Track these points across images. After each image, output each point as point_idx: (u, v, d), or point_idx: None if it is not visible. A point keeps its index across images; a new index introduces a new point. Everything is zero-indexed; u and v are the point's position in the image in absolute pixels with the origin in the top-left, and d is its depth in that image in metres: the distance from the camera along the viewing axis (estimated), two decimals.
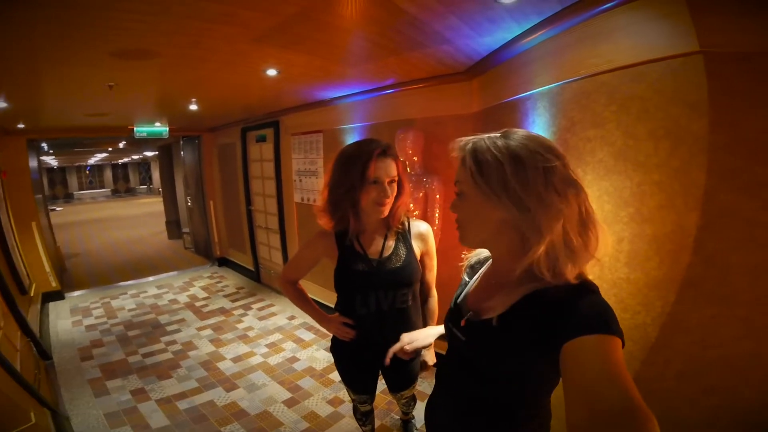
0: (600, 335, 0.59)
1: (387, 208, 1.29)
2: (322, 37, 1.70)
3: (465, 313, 0.86)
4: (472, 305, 0.87)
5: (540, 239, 0.66)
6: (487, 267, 0.91)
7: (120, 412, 2.42)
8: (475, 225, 0.77)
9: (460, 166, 0.76)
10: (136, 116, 4.16)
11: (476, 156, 0.72)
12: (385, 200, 1.27)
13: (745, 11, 0.92)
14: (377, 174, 1.25)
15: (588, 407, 0.51)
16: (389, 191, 1.27)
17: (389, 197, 1.27)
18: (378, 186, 1.26)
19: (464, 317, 0.85)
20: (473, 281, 0.93)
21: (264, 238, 4.79)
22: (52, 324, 3.86)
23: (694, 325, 1.04)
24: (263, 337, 3.47)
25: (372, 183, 1.26)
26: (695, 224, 0.97)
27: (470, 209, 0.76)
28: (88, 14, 1.34)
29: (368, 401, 1.67)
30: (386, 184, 1.26)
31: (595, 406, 0.51)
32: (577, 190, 0.68)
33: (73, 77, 2.18)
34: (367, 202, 1.28)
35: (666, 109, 1.05)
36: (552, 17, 1.40)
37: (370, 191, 1.26)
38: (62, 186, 21.18)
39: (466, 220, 0.78)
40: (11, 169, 4.17)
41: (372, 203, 1.28)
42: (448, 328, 0.91)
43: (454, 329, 0.87)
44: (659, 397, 1.11)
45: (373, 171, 1.24)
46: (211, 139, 5.71)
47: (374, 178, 1.25)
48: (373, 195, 1.27)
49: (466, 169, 0.73)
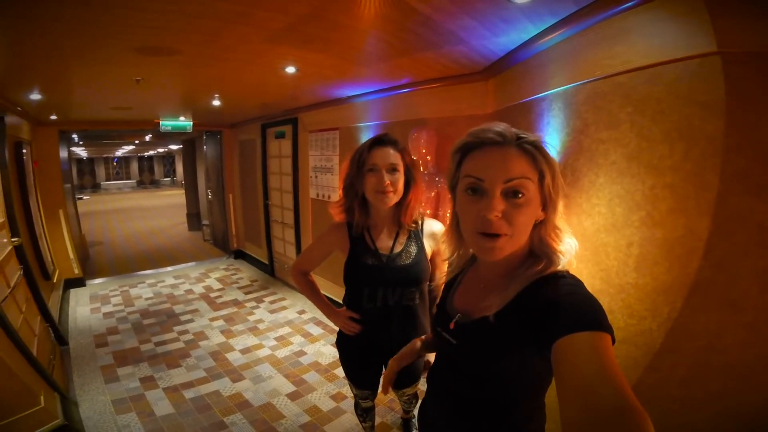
0: (592, 332, 0.58)
1: (390, 196, 1.30)
2: (335, 37, 1.72)
3: (453, 315, 0.85)
4: (460, 307, 0.86)
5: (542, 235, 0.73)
6: (472, 270, 0.90)
7: (127, 399, 2.48)
8: (525, 234, 0.71)
9: (521, 161, 0.68)
10: (160, 110, 4.30)
11: (547, 157, 0.70)
12: (384, 187, 1.27)
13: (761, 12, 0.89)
14: (373, 161, 1.28)
15: (583, 405, 0.51)
16: (387, 178, 1.28)
17: (387, 184, 1.28)
18: (375, 174, 1.28)
19: (453, 320, 0.84)
20: (456, 285, 0.92)
21: (279, 233, 4.87)
22: (71, 310, 4.00)
23: (700, 330, 1.01)
24: (273, 330, 3.53)
25: (369, 171, 1.28)
26: (707, 228, 0.94)
27: (530, 215, 0.69)
28: (107, 12, 1.40)
29: (370, 397, 1.68)
30: (384, 171, 1.28)
31: (590, 404, 0.50)
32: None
33: (99, 72, 2.27)
34: (369, 191, 1.30)
35: (681, 111, 1.03)
36: (568, 18, 1.38)
37: (369, 180, 1.29)
38: (90, 176, 22.07)
39: (520, 229, 0.69)
40: (42, 158, 4.36)
41: (373, 192, 1.29)
42: (437, 332, 0.89)
43: (444, 333, 0.85)
44: (664, 402, 1.09)
45: (368, 159, 1.28)
46: (232, 134, 5.85)
47: (370, 166, 1.28)
48: (371, 183, 1.29)
49: (535, 169, 0.68)
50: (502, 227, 0.67)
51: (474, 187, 0.70)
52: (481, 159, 0.70)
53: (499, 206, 0.66)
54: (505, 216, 0.67)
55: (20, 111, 3.42)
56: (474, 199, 0.70)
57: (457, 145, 0.75)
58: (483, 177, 0.68)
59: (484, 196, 0.68)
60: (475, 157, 0.71)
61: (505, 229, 0.67)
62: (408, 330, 1.39)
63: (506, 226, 0.67)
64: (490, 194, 0.67)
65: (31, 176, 3.93)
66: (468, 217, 0.71)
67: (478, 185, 0.69)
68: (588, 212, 1.33)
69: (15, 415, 1.82)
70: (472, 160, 0.72)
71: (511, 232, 0.67)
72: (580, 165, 1.37)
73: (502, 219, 0.67)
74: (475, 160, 0.71)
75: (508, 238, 0.68)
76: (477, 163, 0.70)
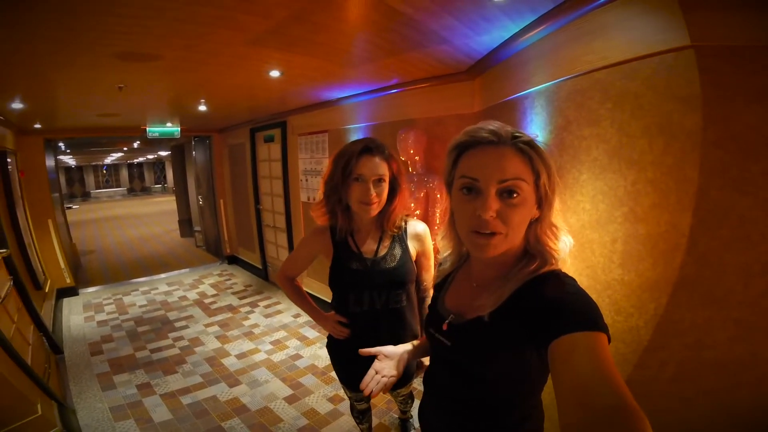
0: (588, 332, 0.59)
1: (374, 207, 1.26)
2: (319, 39, 1.71)
3: (446, 316, 0.84)
4: (452, 308, 0.85)
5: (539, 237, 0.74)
6: (462, 270, 0.90)
7: (125, 406, 2.47)
8: (520, 232, 0.71)
9: (516, 161, 0.68)
10: (147, 116, 4.25)
11: (543, 157, 0.69)
12: (369, 199, 1.24)
13: (733, 5, 0.90)
14: (360, 171, 1.22)
15: (581, 406, 0.51)
16: (373, 190, 1.23)
17: (373, 196, 1.24)
18: (361, 184, 1.23)
19: (445, 321, 0.83)
20: (447, 286, 0.92)
21: (272, 237, 4.85)
22: (65, 319, 3.97)
23: (688, 327, 1.01)
24: (268, 334, 3.51)
25: (354, 180, 1.24)
26: (688, 223, 0.95)
27: (524, 214, 0.69)
28: (85, 19, 1.38)
29: (365, 400, 1.67)
30: (370, 183, 1.23)
31: (588, 404, 0.50)
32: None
33: (80, 79, 2.24)
34: (352, 200, 1.27)
35: (659, 105, 1.03)
36: (546, 15, 1.39)
37: (354, 189, 1.25)
38: (80, 184, 21.78)
39: (515, 228, 0.69)
40: (29, 168, 4.31)
41: (357, 202, 1.26)
42: (430, 333, 0.89)
43: (437, 334, 0.85)
44: (654, 399, 1.09)
45: (355, 168, 1.22)
46: (221, 139, 5.80)
47: (357, 175, 1.23)
48: (356, 193, 1.24)
49: (531, 169, 0.68)
50: (497, 226, 0.67)
51: (469, 187, 0.70)
52: (476, 158, 0.70)
53: (494, 206, 0.67)
54: (500, 215, 0.67)
55: (3, 120, 3.37)
56: (469, 198, 0.70)
57: (453, 144, 0.75)
58: (478, 177, 0.68)
59: (479, 195, 0.68)
60: (470, 156, 0.71)
61: (500, 227, 0.67)
62: (397, 331, 1.38)
63: (501, 225, 0.67)
64: (485, 194, 0.67)
65: (18, 186, 3.88)
66: (463, 215, 0.72)
67: (473, 185, 0.69)
68: (573, 209, 1.33)
69: (12, 424, 1.80)
70: (467, 159, 0.72)
71: (506, 231, 0.68)
72: (564, 162, 1.37)
73: (497, 218, 0.67)
74: (471, 160, 0.71)
75: (503, 236, 0.68)
76: (472, 163, 0.70)
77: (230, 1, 1.31)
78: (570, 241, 0.74)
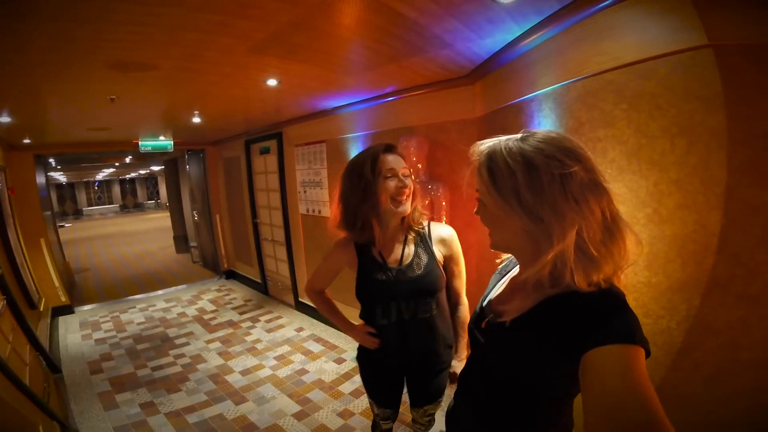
0: (623, 345, 0.57)
1: (408, 203, 1.28)
2: (320, 46, 1.69)
3: (488, 314, 0.85)
4: (495, 308, 0.86)
5: (549, 248, 0.63)
6: (516, 271, 0.90)
7: (129, 426, 2.39)
8: (498, 231, 0.77)
9: (477, 174, 0.74)
10: (139, 130, 4.19)
11: (490, 164, 0.71)
12: (404, 192, 1.26)
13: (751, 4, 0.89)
14: (390, 166, 1.25)
15: (608, 420, 0.50)
16: (407, 182, 1.26)
17: (408, 188, 1.26)
18: (393, 180, 1.25)
19: (486, 318, 0.84)
20: (500, 284, 0.92)
21: (270, 251, 4.78)
22: (61, 338, 3.87)
23: (722, 327, 0.99)
24: (272, 349, 3.44)
25: (386, 176, 1.25)
26: (718, 222, 0.93)
27: (490, 217, 0.76)
28: (80, 27, 1.34)
29: (391, 417, 1.59)
30: (401, 176, 1.26)
31: (616, 420, 0.49)
32: (599, 193, 0.64)
33: (72, 90, 2.18)
34: (385, 199, 1.25)
35: (679, 105, 1.02)
36: (552, 16, 1.38)
37: (387, 185, 1.25)
38: (72, 202, 21.47)
39: (490, 227, 0.79)
40: (19, 185, 4.22)
41: (390, 200, 1.26)
42: (471, 330, 0.91)
43: (476, 331, 0.87)
44: (689, 400, 1.07)
45: (384, 163, 1.25)
46: (215, 152, 5.74)
47: (388, 171, 1.25)
48: (391, 189, 1.25)
49: (482, 178, 0.72)
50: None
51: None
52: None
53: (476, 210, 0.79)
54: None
55: None
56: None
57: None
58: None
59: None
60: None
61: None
62: (428, 343, 1.34)
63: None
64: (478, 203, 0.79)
65: (8, 205, 3.79)
66: None
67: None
68: None
69: None
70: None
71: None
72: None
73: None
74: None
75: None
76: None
77: (231, 7, 1.28)
78: (631, 259, 0.66)
